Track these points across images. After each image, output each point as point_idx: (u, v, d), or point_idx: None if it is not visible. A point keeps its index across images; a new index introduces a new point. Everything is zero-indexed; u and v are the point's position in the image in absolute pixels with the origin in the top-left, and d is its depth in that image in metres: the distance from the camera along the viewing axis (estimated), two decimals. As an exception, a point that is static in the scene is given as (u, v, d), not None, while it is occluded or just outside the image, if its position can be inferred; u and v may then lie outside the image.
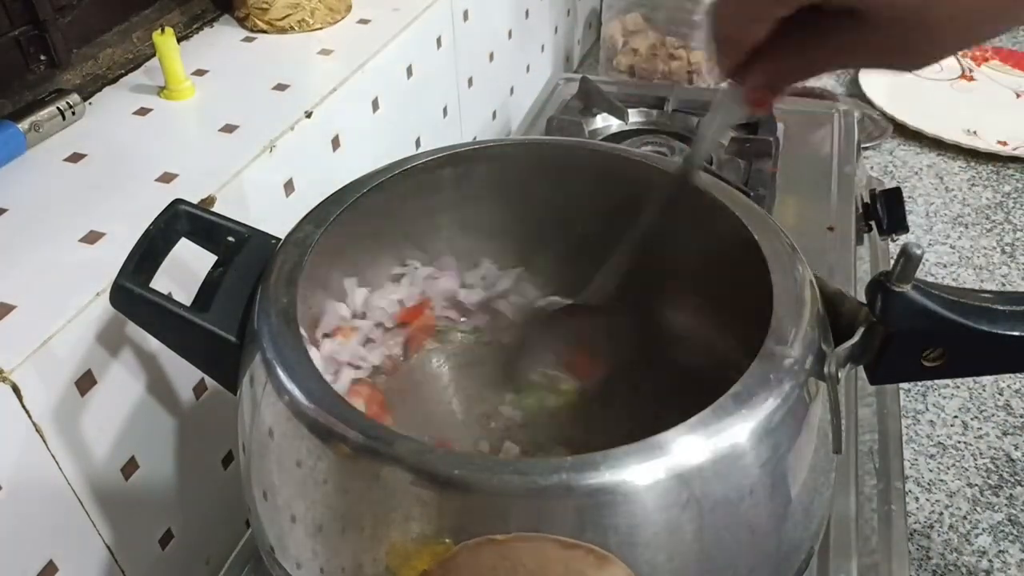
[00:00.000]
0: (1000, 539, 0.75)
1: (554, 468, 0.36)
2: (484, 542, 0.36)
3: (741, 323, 0.47)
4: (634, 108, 0.97)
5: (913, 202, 1.15)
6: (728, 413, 0.39)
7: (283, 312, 0.45)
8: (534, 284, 0.66)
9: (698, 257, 0.58)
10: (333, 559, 0.41)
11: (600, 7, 1.24)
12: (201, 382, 0.64)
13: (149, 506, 0.61)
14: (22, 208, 0.60)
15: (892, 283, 0.42)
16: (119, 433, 0.57)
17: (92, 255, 0.57)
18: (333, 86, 0.75)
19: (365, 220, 0.56)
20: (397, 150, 0.87)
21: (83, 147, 0.66)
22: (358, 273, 0.60)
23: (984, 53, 1.43)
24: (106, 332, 0.55)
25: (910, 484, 0.80)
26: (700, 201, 0.53)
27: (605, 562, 0.36)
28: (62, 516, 0.54)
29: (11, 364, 0.49)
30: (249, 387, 0.44)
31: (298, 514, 0.41)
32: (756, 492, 0.39)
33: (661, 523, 0.37)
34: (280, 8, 0.82)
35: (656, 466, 0.37)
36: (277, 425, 0.41)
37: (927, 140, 1.25)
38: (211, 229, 0.52)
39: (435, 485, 0.36)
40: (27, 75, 0.67)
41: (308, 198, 0.67)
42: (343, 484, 0.39)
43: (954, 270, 1.04)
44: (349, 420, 0.38)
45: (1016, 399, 0.88)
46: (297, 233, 0.50)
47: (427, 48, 0.90)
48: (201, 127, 0.70)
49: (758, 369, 0.41)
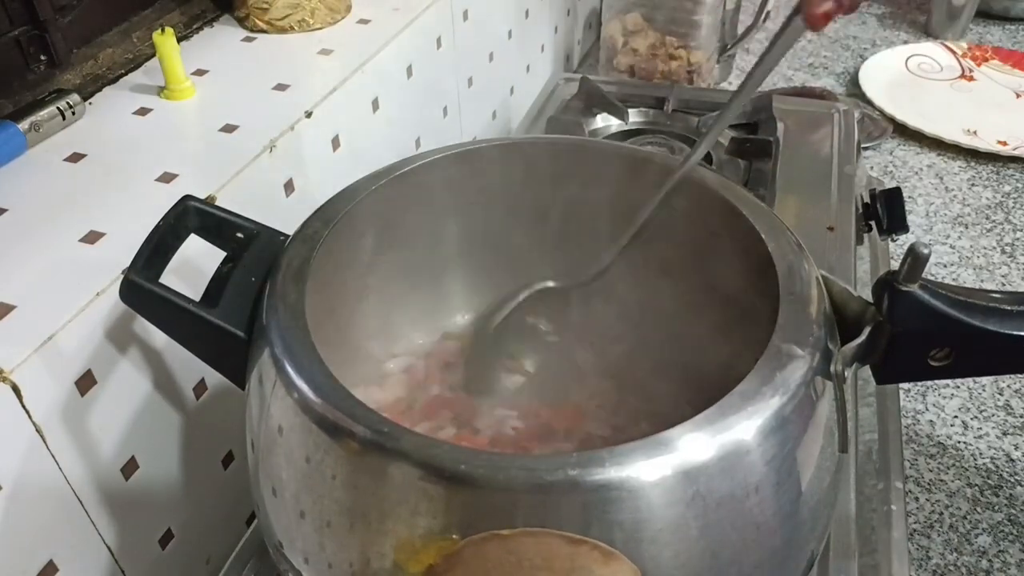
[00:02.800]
0: (1000, 539, 0.75)
1: (560, 464, 0.36)
2: (490, 537, 0.36)
3: (748, 321, 0.48)
4: (634, 108, 0.97)
5: (913, 202, 1.15)
6: (734, 410, 0.39)
7: (292, 308, 0.45)
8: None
9: (704, 254, 0.58)
10: (341, 553, 0.41)
11: (600, 7, 1.25)
12: (201, 382, 0.63)
13: (149, 506, 0.61)
14: (22, 208, 0.60)
15: (899, 282, 0.42)
16: (119, 433, 0.57)
17: (92, 255, 0.57)
18: (333, 86, 0.75)
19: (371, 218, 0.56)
20: (397, 150, 0.87)
21: (83, 147, 0.66)
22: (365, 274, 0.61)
23: (984, 53, 1.44)
24: (106, 332, 0.54)
25: (910, 484, 0.80)
26: (706, 198, 0.53)
27: (610, 558, 0.36)
28: (62, 516, 0.54)
29: (11, 364, 0.49)
30: (258, 383, 0.44)
31: (306, 509, 0.41)
32: (762, 489, 0.39)
33: (667, 519, 0.37)
34: (280, 8, 0.82)
35: (662, 462, 0.37)
36: (286, 420, 0.41)
37: (927, 140, 1.25)
38: (220, 225, 0.52)
39: (442, 480, 0.37)
40: (27, 75, 0.67)
41: (308, 198, 0.67)
42: (351, 479, 0.39)
43: (954, 270, 1.04)
44: (357, 416, 0.38)
45: (1016, 399, 0.88)
46: (306, 230, 0.51)
47: (427, 48, 0.90)
48: (201, 127, 0.70)
49: (764, 367, 0.41)
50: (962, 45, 1.46)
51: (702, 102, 0.96)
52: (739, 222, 0.51)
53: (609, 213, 0.62)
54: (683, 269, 0.59)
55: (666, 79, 1.21)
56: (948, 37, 1.50)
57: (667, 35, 1.19)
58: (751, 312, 0.46)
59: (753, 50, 1.47)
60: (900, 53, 1.44)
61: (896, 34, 1.55)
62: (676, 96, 0.97)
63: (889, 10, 1.63)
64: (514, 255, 0.66)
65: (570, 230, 0.64)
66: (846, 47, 1.51)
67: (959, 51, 1.45)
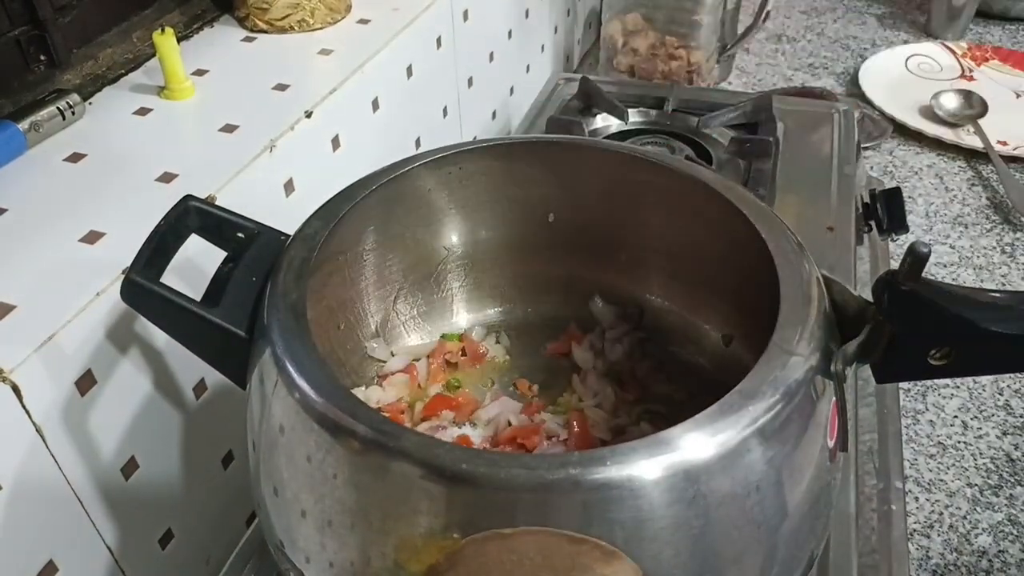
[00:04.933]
0: (1000, 539, 0.75)
1: (561, 463, 0.36)
2: (491, 536, 0.36)
3: (748, 320, 0.48)
4: (634, 108, 0.96)
5: (913, 202, 1.15)
6: (735, 410, 0.39)
7: (292, 307, 0.45)
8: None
9: (705, 254, 0.58)
10: (342, 553, 0.41)
11: (600, 7, 1.25)
12: (201, 382, 0.63)
13: (149, 506, 0.61)
14: (22, 208, 0.60)
15: (899, 281, 0.42)
16: (119, 433, 0.57)
17: (92, 255, 0.57)
18: (333, 86, 0.75)
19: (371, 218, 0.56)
20: (397, 150, 0.87)
21: (83, 147, 0.66)
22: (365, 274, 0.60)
23: (984, 53, 1.44)
24: (106, 332, 0.54)
25: (910, 484, 0.80)
26: (706, 198, 0.53)
27: (611, 557, 0.36)
28: (62, 516, 0.54)
29: (11, 364, 0.49)
30: (259, 382, 0.44)
31: (308, 509, 0.41)
32: (762, 488, 0.39)
33: (667, 518, 0.37)
34: (280, 8, 0.82)
35: (663, 462, 0.37)
36: (287, 420, 0.41)
37: (927, 140, 1.25)
38: (221, 225, 0.52)
39: (443, 479, 0.37)
40: (27, 75, 0.67)
41: (308, 198, 0.67)
42: (352, 478, 0.39)
43: (954, 270, 1.04)
44: (359, 415, 0.38)
45: (1016, 399, 0.88)
46: (306, 230, 0.51)
47: (427, 48, 0.90)
48: (201, 127, 0.70)
49: (765, 366, 0.41)
50: (962, 45, 1.46)
51: (702, 102, 0.96)
52: (739, 222, 0.51)
53: (609, 213, 0.62)
54: (683, 268, 0.59)
55: (666, 79, 1.21)
56: (948, 37, 1.50)
57: (667, 35, 1.19)
58: (751, 312, 0.46)
59: (753, 50, 1.47)
60: (900, 53, 1.44)
61: (896, 34, 1.55)
62: (676, 96, 0.97)
63: (889, 10, 1.63)
64: (514, 255, 0.66)
65: (570, 230, 0.64)
66: (846, 47, 1.51)
67: (959, 51, 1.45)
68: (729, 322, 0.60)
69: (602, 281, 0.65)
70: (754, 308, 0.46)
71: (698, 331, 0.62)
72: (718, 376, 0.60)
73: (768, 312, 0.44)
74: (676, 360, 0.63)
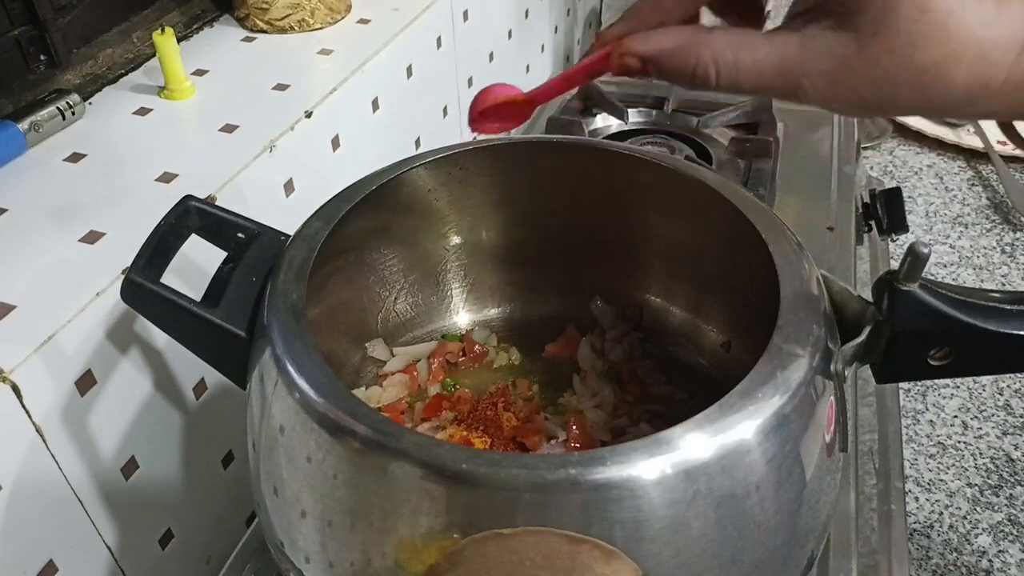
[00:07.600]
0: (1000, 539, 0.75)
1: (561, 463, 0.36)
2: (491, 536, 0.36)
3: (748, 320, 0.47)
4: (634, 108, 0.97)
5: (913, 202, 1.15)
6: (735, 410, 0.39)
7: (292, 307, 0.45)
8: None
9: (705, 254, 0.58)
10: (342, 553, 0.41)
11: (600, 7, 1.25)
12: (201, 382, 0.63)
13: (149, 506, 0.61)
14: (22, 208, 0.60)
15: (899, 282, 0.42)
16: (119, 433, 0.57)
17: (92, 255, 0.57)
18: (333, 86, 0.75)
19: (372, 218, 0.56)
20: (397, 150, 0.87)
21: (83, 147, 0.66)
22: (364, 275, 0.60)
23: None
24: (106, 332, 0.54)
25: (910, 484, 0.80)
26: (706, 198, 0.53)
27: (611, 557, 0.36)
28: (62, 516, 0.54)
29: (11, 364, 0.49)
30: (259, 382, 0.44)
31: (308, 509, 0.41)
32: (762, 488, 0.39)
33: (667, 518, 0.37)
34: (280, 8, 0.82)
35: (663, 461, 0.37)
36: (287, 420, 0.41)
37: (927, 140, 1.25)
38: (221, 225, 0.52)
39: (443, 479, 0.36)
40: (27, 75, 0.67)
41: (308, 198, 0.67)
42: (352, 479, 0.39)
43: (954, 270, 1.04)
44: (359, 415, 0.38)
45: (1016, 399, 0.88)
46: (306, 230, 0.51)
47: (427, 48, 0.90)
48: (201, 127, 0.70)
49: (765, 366, 0.41)
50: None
51: (702, 102, 0.96)
52: (739, 222, 0.51)
53: (609, 213, 0.62)
54: (683, 269, 0.59)
55: (666, 79, 1.20)
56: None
57: (667, 35, 1.19)
58: (751, 312, 0.46)
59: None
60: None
61: (896, 34, 1.55)
62: (676, 96, 0.97)
63: (889, 10, 1.63)
64: (514, 255, 0.66)
65: (570, 230, 0.64)
66: (846, 47, 1.51)
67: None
68: (729, 322, 0.60)
69: (602, 281, 0.65)
70: (754, 308, 0.46)
71: (698, 331, 0.62)
72: (718, 376, 0.60)
73: (768, 312, 0.44)
74: (676, 360, 0.63)
